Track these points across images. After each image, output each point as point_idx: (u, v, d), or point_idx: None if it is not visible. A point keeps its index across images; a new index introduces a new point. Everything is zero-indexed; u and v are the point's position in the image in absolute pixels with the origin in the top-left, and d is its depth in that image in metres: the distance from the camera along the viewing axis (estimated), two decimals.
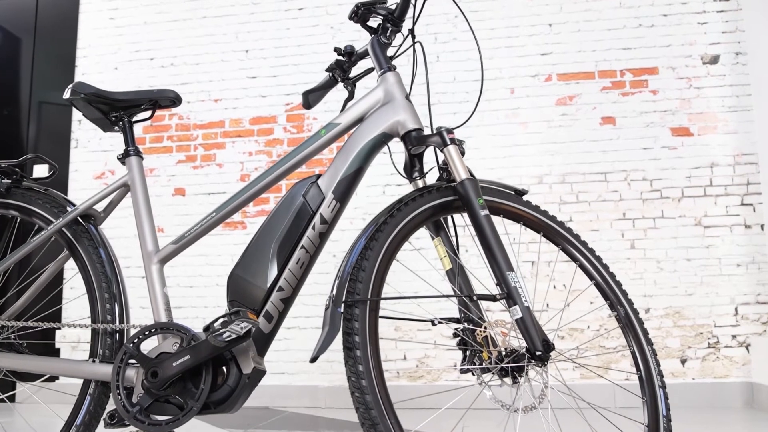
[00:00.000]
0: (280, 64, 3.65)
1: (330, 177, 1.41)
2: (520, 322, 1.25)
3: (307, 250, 1.37)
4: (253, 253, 1.38)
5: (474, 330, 1.34)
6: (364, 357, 1.07)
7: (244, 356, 1.30)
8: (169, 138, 3.71)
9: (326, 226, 1.39)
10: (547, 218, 1.53)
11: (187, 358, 1.27)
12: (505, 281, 1.27)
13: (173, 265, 3.51)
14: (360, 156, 1.42)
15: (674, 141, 3.28)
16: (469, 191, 1.35)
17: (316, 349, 1.04)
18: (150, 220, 1.51)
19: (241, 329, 1.21)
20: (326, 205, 1.39)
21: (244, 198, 1.47)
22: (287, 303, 1.37)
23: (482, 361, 1.29)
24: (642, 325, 1.53)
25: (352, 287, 1.14)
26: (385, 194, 3.41)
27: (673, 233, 3.20)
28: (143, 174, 1.57)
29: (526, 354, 1.26)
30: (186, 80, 3.74)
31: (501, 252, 1.30)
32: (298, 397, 3.27)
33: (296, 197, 1.40)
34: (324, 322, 1.09)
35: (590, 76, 3.39)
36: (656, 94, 3.32)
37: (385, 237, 1.24)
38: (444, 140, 1.40)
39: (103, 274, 1.47)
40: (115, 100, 1.59)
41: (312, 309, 3.33)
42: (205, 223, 1.47)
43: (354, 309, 1.11)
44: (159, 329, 1.34)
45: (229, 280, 1.38)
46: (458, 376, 3.19)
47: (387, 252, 1.22)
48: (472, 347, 1.29)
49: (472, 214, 1.33)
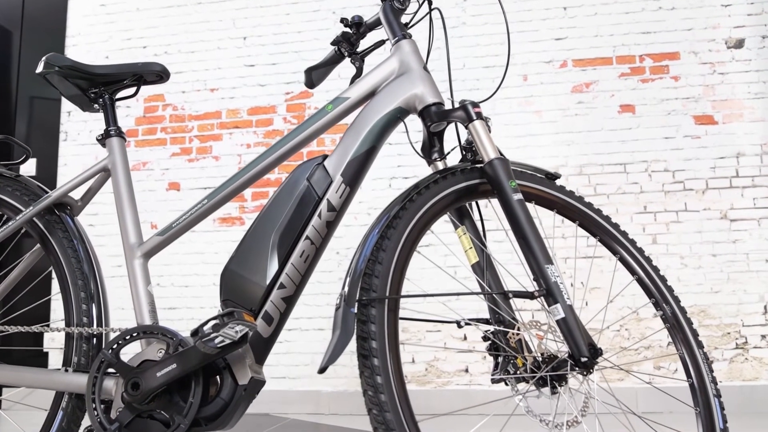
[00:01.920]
0: (279, 51, 3.47)
1: (338, 158, 1.23)
2: (562, 324, 1.07)
3: (312, 242, 1.19)
4: (251, 245, 1.20)
5: (506, 332, 1.15)
6: (383, 366, 0.88)
7: (240, 364, 1.11)
8: (162, 130, 3.53)
9: (334, 214, 1.20)
10: (583, 205, 1.35)
11: (174, 367, 1.08)
12: (543, 276, 1.09)
13: (168, 263, 3.33)
14: (372, 134, 1.24)
15: (697, 130, 3.10)
16: (500, 172, 1.16)
17: (325, 357, 0.86)
18: (133, 208, 1.33)
19: (236, 333, 1.02)
20: (334, 189, 1.20)
21: (239, 183, 1.29)
22: (289, 303, 1.19)
23: (517, 369, 1.11)
24: (691, 326, 1.36)
25: (367, 283, 0.95)
26: (392, 187, 3.23)
27: (697, 227, 3.02)
28: (126, 157, 1.38)
29: (568, 360, 1.07)
30: (180, 69, 3.56)
31: (538, 242, 1.12)
32: (300, 403, 3.09)
33: (299, 181, 1.22)
34: (334, 324, 0.91)
35: (608, 62, 3.21)
36: (678, 81, 3.15)
37: (405, 225, 1.05)
38: (469, 115, 1.22)
39: (78, 271, 1.29)
40: (95, 75, 1.40)
41: (314, 309, 3.14)
42: (196, 211, 1.29)
43: (370, 309, 0.93)
44: (141, 333, 1.16)
45: (223, 277, 1.20)
46: (470, 380, 3.01)
47: (407, 242, 1.04)
48: (506, 353, 1.11)
49: (504, 199, 1.15)
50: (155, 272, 3.34)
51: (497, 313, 1.17)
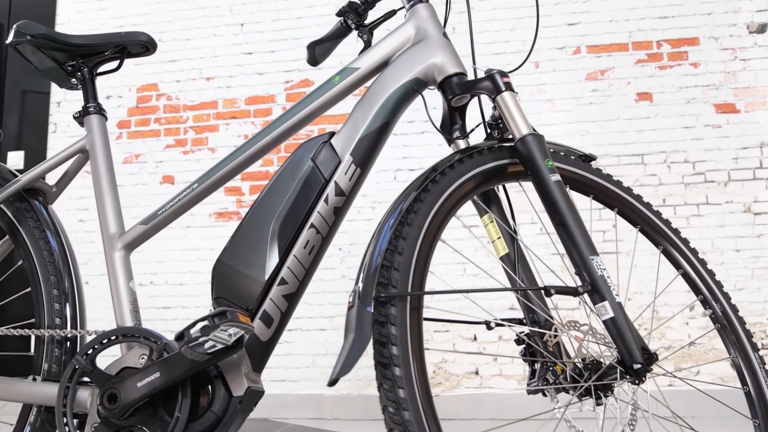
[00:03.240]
0: (278, 38, 3.31)
1: (347, 135, 1.08)
2: (610, 324, 0.92)
3: (317, 230, 1.03)
4: (247, 234, 1.04)
5: (543, 334, 1.00)
6: (406, 377, 0.73)
7: (235, 373, 0.96)
8: (156, 121, 3.37)
9: (343, 199, 1.05)
10: (622, 190, 1.20)
11: (157, 375, 0.93)
12: (587, 269, 0.94)
13: (162, 260, 3.18)
14: (386, 108, 1.09)
15: (719, 119, 2.95)
16: (534, 150, 1.01)
17: (337, 367, 0.71)
18: (113, 194, 1.17)
19: (229, 337, 0.87)
20: (343, 170, 1.05)
21: (233, 165, 1.14)
22: (291, 301, 1.03)
23: (557, 377, 0.96)
24: (744, 326, 1.21)
25: (385, 277, 0.80)
26: (397, 180, 3.08)
27: (719, 221, 2.87)
28: (106, 136, 1.23)
29: (617, 367, 0.92)
30: (175, 57, 3.41)
31: (580, 230, 0.96)
32: (301, 408, 2.94)
33: (303, 161, 1.06)
34: (347, 327, 0.75)
35: (623, 48, 3.06)
36: (697, 67, 2.99)
37: (428, 209, 0.90)
38: (497, 85, 1.07)
39: (51, 265, 1.13)
40: (73, 45, 1.25)
41: (316, 309, 2.99)
42: (185, 197, 1.13)
43: (389, 308, 0.77)
44: (121, 336, 1.00)
45: (215, 271, 1.04)
46: (480, 383, 2.85)
47: (430, 229, 0.88)
48: (544, 359, 0.95)
49: (539, 181, 1.00)
50: (148, 270, 3.19)
51: (532, 312, 1.02)
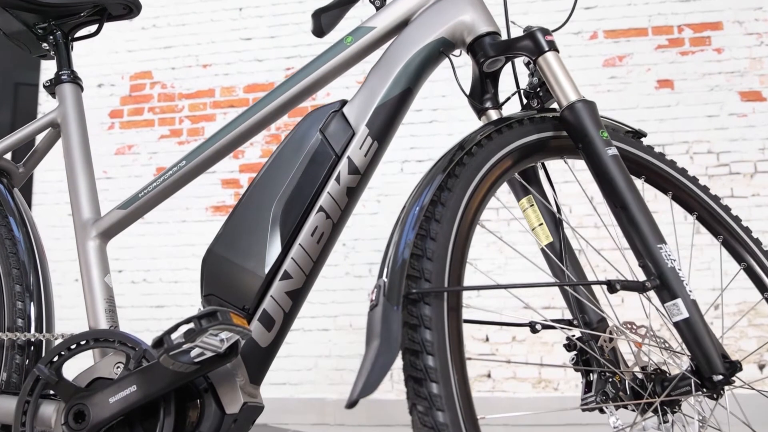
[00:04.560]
0: (278, 23, 3.16)
1: (362, 102, 0.91)
2: (683, 327, 0.75)
3: (327, 215, 0.87)
4: (243, 220, 0.88)
5: (597, 338, 0.84)
6: (447, 396, 0.56)
7: (229, 386, 0.79)
8: (150, 110, 3.21)
9: (357, 178, 0.88)
10: (677, 172, 1.04)
11: (133, 389, 0.76)
12: (654, 260, 0.78)
13: (155, 257, 3.02)
14: (407, 72, 0.92)
15: (744, 107, 2.79)
16: (585, 119, 0.85)
17: (359, 383, 0.54)
18: (88, 174, 1.01)
19: (220, 343, 0.70)
20: (357, 144, 0.89)
21: (228, 139, 0.97)
22: (297, 299, 0.87)
23: (618, 390, 0.79)
24: None
25: (416, 268, 0.63)
26: (404, 172, 2.92)
27: (745, 214, 2.70)
28: (81, 108, 1.07)
29: (691, 378, 0.76)
30: (170, 43, 3.25)
31: (644, 213, 0.80)
32: (303, 412, 2.78)
33: (310, 133, 0.90)
34: (370, 332, 0.59)
35: (643, 33, 2.90)
36: (721, 53, 2.84)
37: (464, 185, 0.73)
38: (538, 44, 0.90)
39: (13, 257, 0.97)
40: (44, 5, 1.08)
41: (318, 308, 2.83)
42: (170, 176, 0.97)
43: (422, 307, 0.61)
44: (92, 341, 0.84)
45: (205, 263, 0.88)
46: (492, 386, 2.69)
47: (468, 210, 0.72)
48: (603, 368, 0.79)
49: (593, 155, 0.83)
50: (141, 266, 3.03)
51: (583, 311, 0.86)
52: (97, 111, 3.24)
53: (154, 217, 3.08)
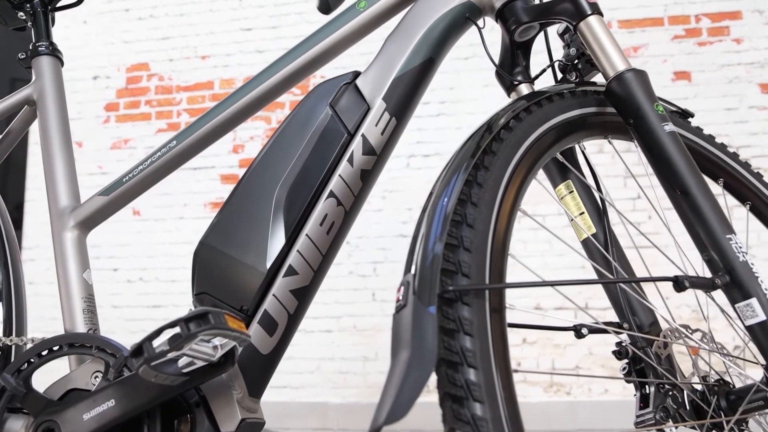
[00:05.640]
0: (280, 13, 3.05)
1: (378, 74, 0.80)
2: (759, 331, 0.64)
3: (339, 201, 0.75)
4: (241, 207, 0.76)
5: (651, 343, 0.72)
6: (495, 420, 0.45)
7: (224, 399, 0.68)
8: (147, 103, 3.10)
9: (373, 159, 0.77)
10: (728, 156, 0.92)
11: (111, 404, 0.65)
12: (722, 253, 0.66)
13: (152, 255, 2.90)
14: (429, 40, 0.81)
15: (764, 100, 2.70)
16: (636, 91, 0.74)
17: (385, 404, 0.42)
18: (67, 157, 0.89)
19: (213, 350, 0.59)
20: (373, 120, 0.77)
21: (224, 117, 0.86)
22: (303, 298, 0.75)
23: (679, 406, 0.68)
24: None
25: (452, 261, 0.52)
26: (410, 167, 2.81)
27: None
28: (61, 84, 0.95)
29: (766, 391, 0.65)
30: (168, 34, 3.14)
31: (708, 199, 0.69)
32: (304, 417, 2.67)
33: (318, 108, 0.79)
34: (397, 340, 0.48)
35: (658, 23, 2.79)
36: (740, 44, 2.74)
37: (503, 165, 0.62)
38: (580, 7, 0.80)
39: None
40: None
41: (321, 308, 2.71)
42: (158, 158, 0.86)
43: (460, 308, 0.50)
44: (66, 347, 0.73)
45: (197, 257, 0.77)
46: None
47: (507, 195, 0.60)
48: (663, 380, 0.68)
49: (647, 132, 0.72)
50: (137, 265, 2.91)
51: (635, 313, 0.74)
52: (92, 104, 3.13)
53: (151, 213, 2.97)
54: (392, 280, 2.75)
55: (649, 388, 0.69)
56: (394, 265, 2.76)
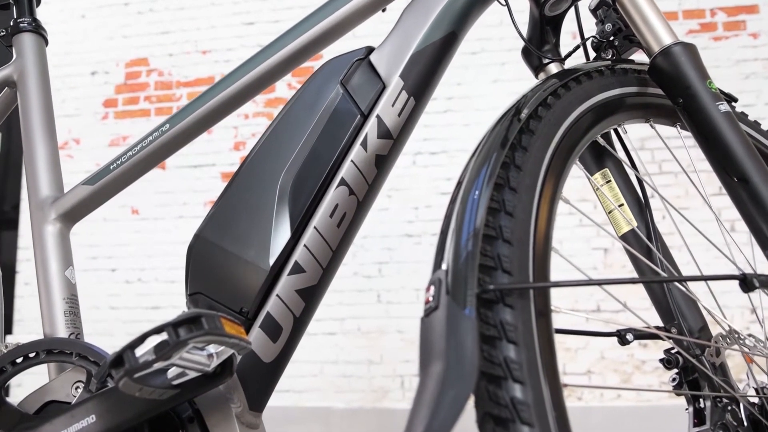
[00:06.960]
0: (283, 6, 2.98)
1: (395, 49, 0.72)
2: None
3: (351, 190, 0.67)
4: (241, 197, 0.68)
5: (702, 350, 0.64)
6: None
7: (221, 414, 0.60)
8: (146, 99, 3.02)
9: (389, 143, 0.69)
10: None
11: (92, 420, 0.57)
12: None
13: (151, 254, 2.82)
14: (451, 12, 0.73)
15: None
16: (686, 66, 0.66)
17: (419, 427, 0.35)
18: (50, 142, 0.81)
19: (208, 359, 0.51)
20: (389, 100, 0.69)
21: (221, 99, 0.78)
22: (310, 299, 0.68)
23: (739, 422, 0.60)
24: None
25: (490, 256, 0.44)
26: (416, 165, 2.73)
27: None
28: (44, 63, 0.87)
29: None
30: (167, 29, 3.06)
31: None
32: (307, 422, 2.59)
33: (327, 86, 0.71)
34: (427, 349, 0.39)
35: (672, 17, 2.71)
36: (757, 38, 2.66)
37: (543, 146, 0.54)
38: None
39: None
40: None
41: (324, 310, 2.61)
42: (149, 144, 0.78)
43: (502, 311, 0.41)
44: (44, 354, 0.64)
45: (191, 253, 0.69)
46: None
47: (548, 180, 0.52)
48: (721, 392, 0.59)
49: (698, 111, 0.64)
50: (136, 265, 2.83)
51: (683, 317, 0.66)
52: (90, 100, 3.06)
53: (150, 212, 2.89)
54: (398, 281, 2.67)
55: (704, 402, 0.60)
56: (400, 266, 2.68)
